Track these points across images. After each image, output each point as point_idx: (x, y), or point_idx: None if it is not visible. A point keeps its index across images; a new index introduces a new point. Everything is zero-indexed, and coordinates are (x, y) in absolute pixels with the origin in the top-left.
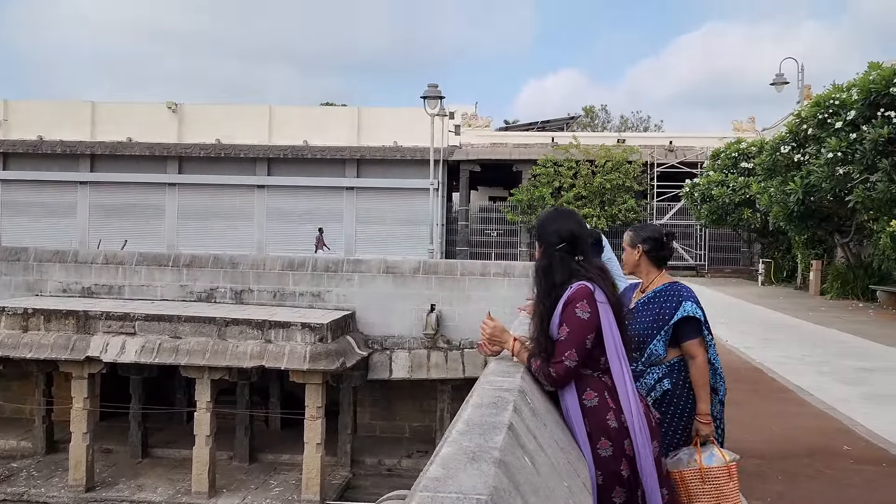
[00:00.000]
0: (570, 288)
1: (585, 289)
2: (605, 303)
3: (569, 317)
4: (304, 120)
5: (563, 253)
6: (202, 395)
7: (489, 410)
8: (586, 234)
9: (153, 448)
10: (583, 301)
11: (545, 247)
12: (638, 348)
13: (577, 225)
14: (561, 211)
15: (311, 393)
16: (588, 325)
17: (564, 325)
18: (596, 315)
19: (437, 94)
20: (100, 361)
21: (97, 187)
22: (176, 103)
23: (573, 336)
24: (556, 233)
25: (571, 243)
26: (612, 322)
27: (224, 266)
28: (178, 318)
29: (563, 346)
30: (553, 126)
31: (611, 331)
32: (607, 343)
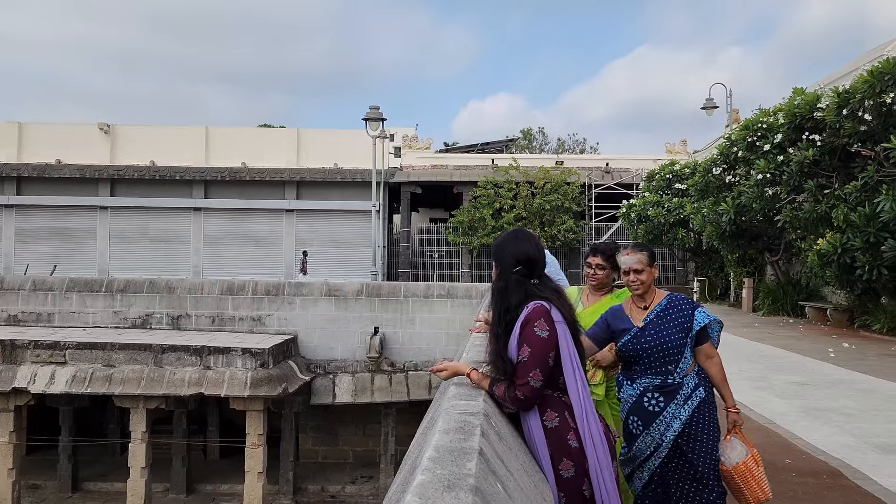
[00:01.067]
0: (527, 308)
1: (542, 308)
2: (561, 322)
3: (528, 336)
4: (241, 141)
5: (520, 276)
6: (137, 425)
7: (458, 436)
8: (543, 257)
9: (85, 482)
10: (540, 320)
11: (502, 269)
12: (671, 361)
13: (534, 248)
14: (519, 233)
15: (252, 420)
16: (548, 344)
17: (525, 346)
18: (554, 333)
19: (378, 115)
20: (27, 393)
21: (24, 211)
22: (108, 124)
23: (535, 355)
24: (513, 255)
25: (528, 266)
26: (569, 340)
27: (160, 291)
28: (112, 345)
29: (527, 367)
30: (493, 148)
31: (568, 349)
32: (565, 361)
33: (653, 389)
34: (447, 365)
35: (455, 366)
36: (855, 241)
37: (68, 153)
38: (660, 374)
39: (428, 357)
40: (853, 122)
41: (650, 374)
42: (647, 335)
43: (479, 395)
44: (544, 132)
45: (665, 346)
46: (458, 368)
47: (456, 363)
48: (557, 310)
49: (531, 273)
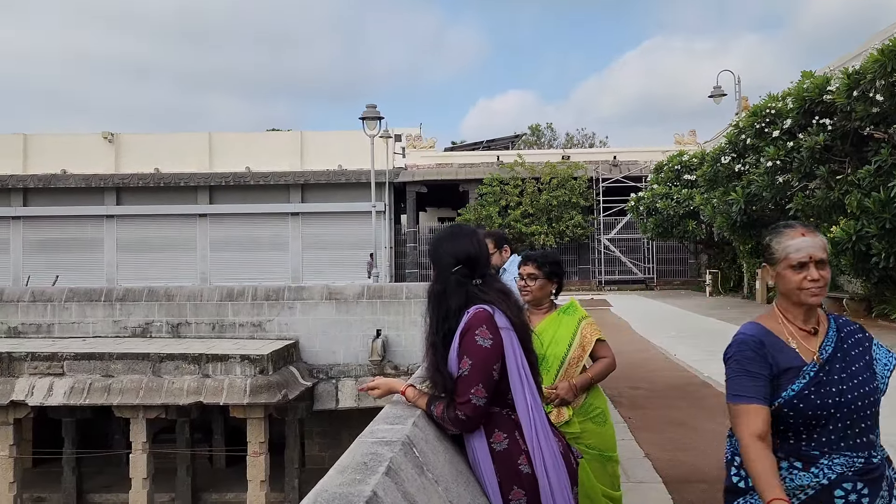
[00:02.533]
0: (467, 314)
1: (484, 313)
2: (507, 328)
3: (469, 346)
4: (245, 146)
5: (459, 276)
6: (137, 435)
7: (353, 476)
8: (485, 255)
9: (89, 493)
10: (482, 327)
11: (439, 270)
12: (870, 424)
13: (475, 245)
14: (456, 229)
15: (253, 428)
16: (492, 354)
17: (466, 357)
18: (499, 341)
19: (375, 114)
20: (25, 405)
21: (30, 222)
22: (112, 133)
23: (477, 368)
24: (451, 254)
25: (468, 265)
26: (516, 349)
27: (159, 299)
28: (110, 355)
29: (468, 382)
30: (498, 145)
31: (515, 359)
32: (511, 373)
33: (854, 476)
34: (379, 382)
35: (388, 382)
36: (870, 227)
37: (73, 163)
38: (860, 449)
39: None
40: (864, 105)
41: (845, 448)
42: (833, 377)
43: (411, 417)
44: (552, 128)
45: (863, 396)
46: (391, 385)
47: (389, 380)
48: (503, 314)
49: (472, 273)
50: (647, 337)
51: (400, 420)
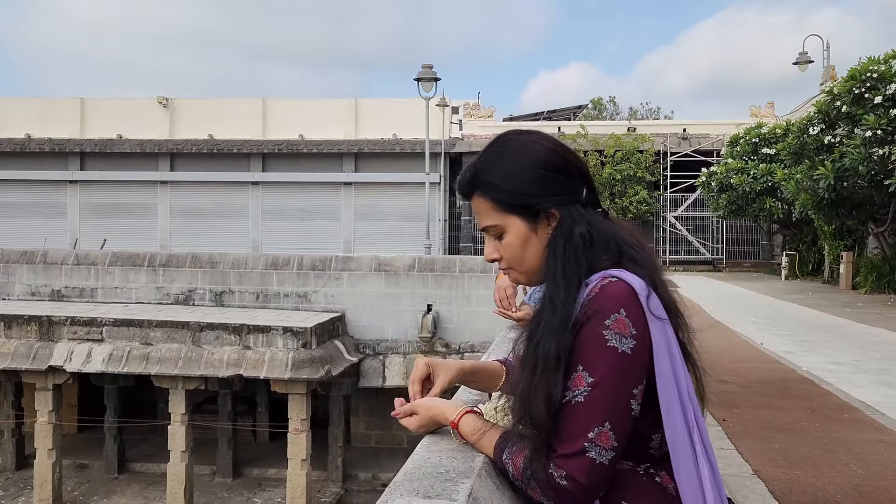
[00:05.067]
0: (588, 285)
1: (622, 287)
2: (662, 318)
3: (590, 350)
4: (299, 113)
5: (589, 208)
6: (176, 406)
7: None
8: None
9: (131, 462)
10: (618, 314)
11: (553, 208)
12: None
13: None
14: (528, 134)
15: (294, 404)
16: (634, 367)
17: (583, 370)
18: (647, 343)
19: (431, 75)
20: (64, 371)
21: (87, 186)
22: (167, 98)
23: (605, 392)
24: (576, 170)
25: (590, 185)
26: (675, 356)
27: (203, 265)
28: (150, 322)
29: (584, 417)
30: (560, 116)
31: (675, 376)
32: (668, 399)
33: None
34: (418, 406)
35: (432, 407)
36: None
37: (129, 128)
38: None
39: (486, 338)
40: None
41: None
42: None
43: (465, 480)
44: (615, 101)
45: None
46: (436, 413)
47: (434, 402)
48: (653, 289)
49: (597, 199)
50: (725, 323)
51: (445, 489)
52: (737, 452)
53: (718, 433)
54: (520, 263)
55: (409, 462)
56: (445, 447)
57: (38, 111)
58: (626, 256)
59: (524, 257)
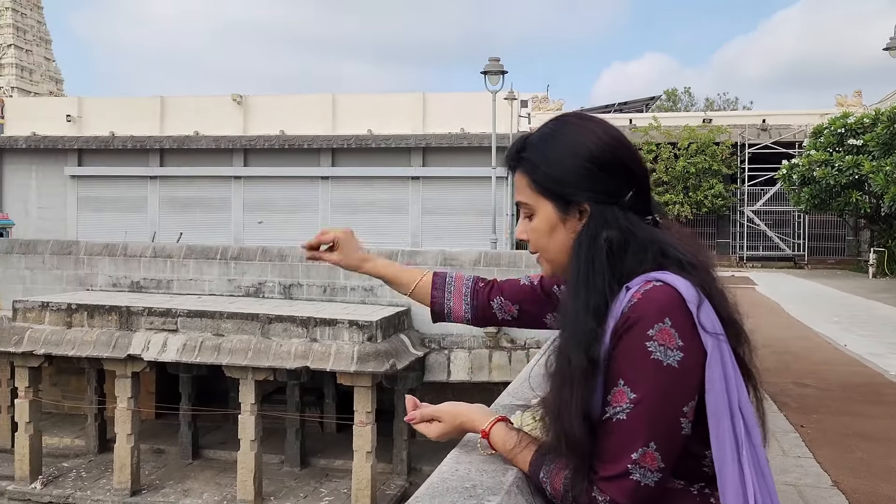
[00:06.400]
0: (630, 289)
1: (669, 293)
2: (716, 332)
3: (633, 362)
4: (368, 108)
5: (630, 212)
6: (246, 396)
7: None
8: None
9: (204, 449)
10: (663, 323)
11: (586, 203)
12: None
13: (636, 148)
14: (588, 121)
15: (360, 396)
16: (683, 382)
17: (625, 385)
18: (698, 357)
19: (498, 68)
20: (142, 360)
21: (166, 181)
22: (241, 95)
23: (649, 408)
24: (625, 169)
25: (643, 190)
26: (730, 373)
27: (272, 259)
28: (221, 314)
29: (627, 436)
30: (631, 108)
31: (728, 396)
32: (718, 422)
33: None
34: (442, 411)
35: (457, 412)
36: None
37: (205, 125)
38: None
39: (552, 335)
40: None
41: None
42: None
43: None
44: (690, 92)
45: None
46: (463, 419)
47: (461, 409)
48: (706, 298)
49: (648, 205)
50: (805, 322)
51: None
52: (815, 461)
53: (795, 440)
54: (545, 250)
55: (434, 474)
56: (476, 458)
57: (121, 110)
58: (672, 260)
59: (549, 245)
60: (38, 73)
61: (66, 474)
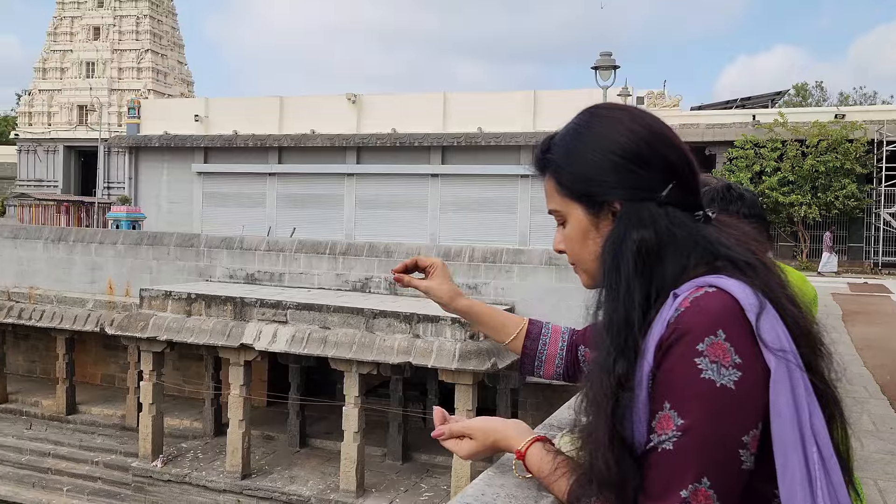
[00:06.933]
0: (677, 297)
1: (724, 299)
2: (783, 349)
3: (681, 383)
4: (478, 106)
5: (673, 208)
6: (350, 389)
7: None
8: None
9: (311, 438)
10: (716, 336)
11: (617, 202)
12: None
13: (678, 137)
14: (617, 110)
15: (461, 394)
16: (740, 407)
17: (671, 409)
18: (759, 376)
19: (610, 62)
20: (253, 349)
21: (283, 178)
22: (355, 94)
23: (699, 439)
24: (662, 161)
25: (685, 184)
26: (802, 400)
27: (379, 255)
28: (328, 307)
29: (673, 471)
30: (755, 103)
31: (799, 425)
32: (784, 451)
33: None
34: (474, 428)
35: (491, 430)
36: None
37: (321, 124)
38: None
39: None
40: None
41: None
42: None
43: None
44: (822, 86)
45: None
46: (497, 441)
47: (495, 425)
48: (771, 306)
49: (697, 199)
50: None
51: None
52: None
53: None
54: (580, 260)
55: (457, 497)
56: (511, 482)
57: (243, 109)
58: (726, 260)
59: (583, 254)
60: (172, 76)
61: (184, 454)
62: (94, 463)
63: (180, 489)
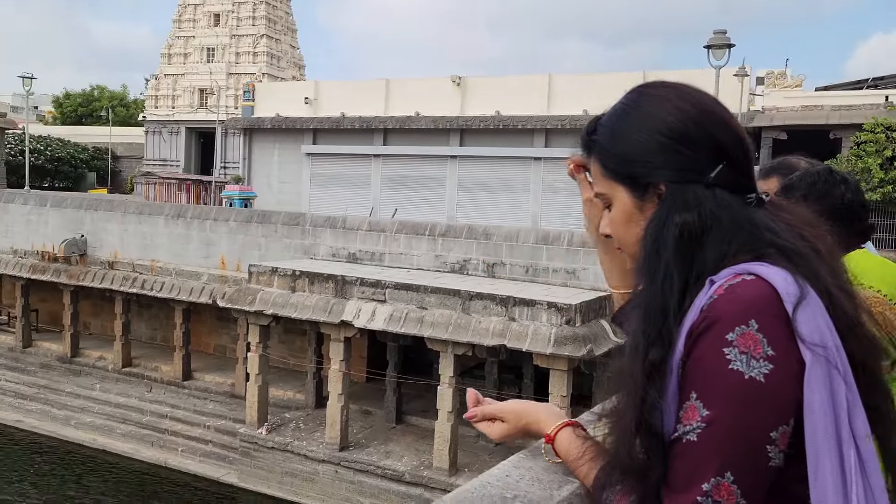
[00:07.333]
0: (714, 283)
1: (760, 287)
2: (822, 344)
3: (708, 373)
4: (584, 88)
5: (722, 190)
6: (445, 369)
7: None
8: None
9: (407, 415)
10: (748, 326)
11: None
12: None
13: (731, 116)
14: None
15: (555, 380)
16: (769, 402)
17: (697, 399)
18: (792, 370)
19: (724, 41)
20: (352, 326)
21: (388, 159)
22: (460, 77)
23: (723, 432)
24: (711, 141)
25: (736, 165)
26: (840, 398)
27: (477, 237)
28: (426, 288)
29: (696, 463)
30: (889, 83)
31: (832, 419)
32: (817, 452)
33: None
34: (507, 411)
35: (524, 413)
36: None
37: (425, 106)
38: None
39: None
40: None
41: None
42: None
43: None
44: None
45: None
46: (529, 424)
47: (527, 408)
48: (816, 298)
49: (749, 181)
50: None
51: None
52: None
53: None
54: (625, 244)
55: (479, 477)
56: (539, 466)
57: (351, 92)
58: (771, 245)
59: (627, 238)
60: (285, 60)
61: (287, 424)
62: (205, 427)
63: (283, 456)
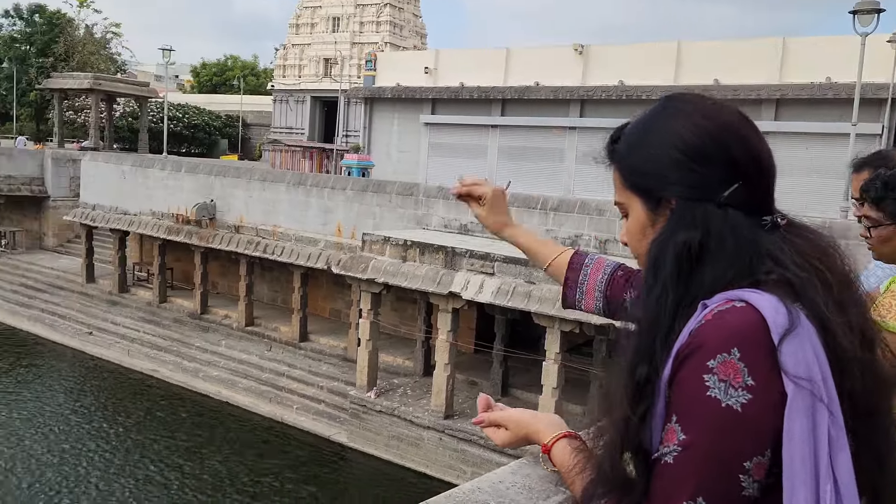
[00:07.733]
0: (706, 307)
1: (747, 315)
2: (809, 378)
3: (687, 398)
4: (716, 57)
5: (735, 210)
6: (551, 345)
7: None
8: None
9: (513, 388)
10: (730, 355)
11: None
12: None
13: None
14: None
15: None
16: (745, 431)
17: (677, 422)
18: (774, 399)
19: (872, 5)
20: (460, 298)
21: (505, 130)
22: (582, 45)
23: (698, 457)
24: (727, 159)
25: (751, 184)
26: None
27: (590, 212)
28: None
29: (671, 485)
30: None
31: (810, 453)
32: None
33: None
34: (508, 419)
35: (524, 422)
36: None
37: (545, 75)
38: None
39: None
40: None
41: None
42: None
43: None
44: None
45: None
46: (528, 434)
47: (528, 418)
48: (808, 327)
49: (766, 200)
50: None
51: None
52: None
53: None
54: (639, 256)
55: (472, 482)
56: (536, 474)
57: (470, 61)
58: (771, 273)
59: (640, 249)
60: (407, 29)
61: (395, 389)
62: (319, 387)
63: (390, 420)
